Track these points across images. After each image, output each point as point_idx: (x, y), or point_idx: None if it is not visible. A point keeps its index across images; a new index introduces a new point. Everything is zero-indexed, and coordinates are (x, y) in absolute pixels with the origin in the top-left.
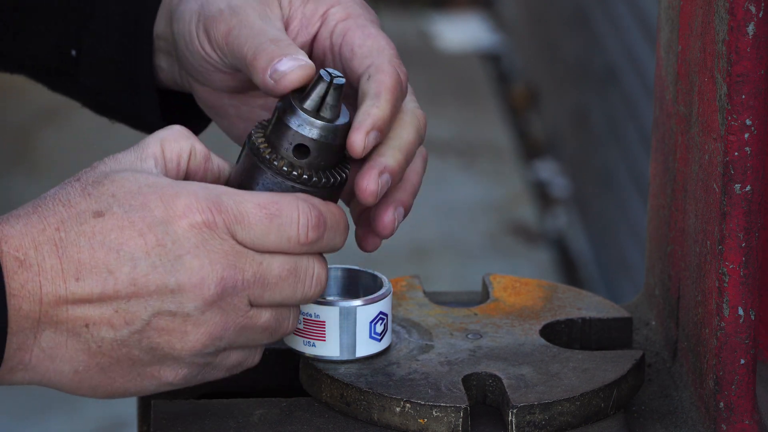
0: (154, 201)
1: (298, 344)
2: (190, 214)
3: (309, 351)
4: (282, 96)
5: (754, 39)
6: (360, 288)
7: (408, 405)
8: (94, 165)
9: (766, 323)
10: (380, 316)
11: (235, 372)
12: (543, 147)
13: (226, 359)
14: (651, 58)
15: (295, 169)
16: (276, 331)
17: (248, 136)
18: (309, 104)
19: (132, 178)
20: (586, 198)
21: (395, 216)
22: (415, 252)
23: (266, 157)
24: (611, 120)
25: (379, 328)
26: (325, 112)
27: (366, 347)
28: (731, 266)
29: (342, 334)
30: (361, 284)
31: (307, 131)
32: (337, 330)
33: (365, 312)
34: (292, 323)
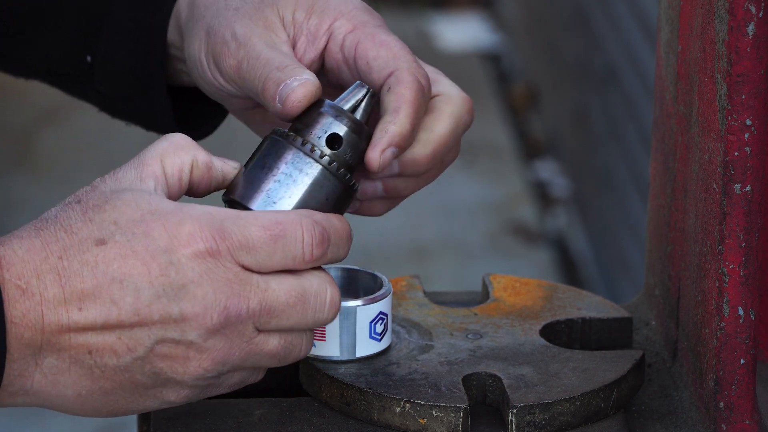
0: (157, 229)
1: None
2: (194, 242)
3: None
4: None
5: (754, 39)
6: (360, 288)
7: (408, 405)
8: (94, 184)
9: (766, 323)
10: (380, 316)
11: (237, 388)
12: (543, 147)
13: (229, 379)
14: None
15: (324, 155)
16: (286, 357)
17: (272, 131)
18: (345, 105)
19: (134, 204)
20: (586, 198)
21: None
22: (415, 252)
23: (297, 139)
24: (611, 120)
25: (379, 328)
26: (358, 115)
27: (366, 347)
28: (731, 266)
29: (342, 334)
30: (360, 284)
31: (345, 122)
32: (337, 330)
33: (365, 312)
34: (305, 348)
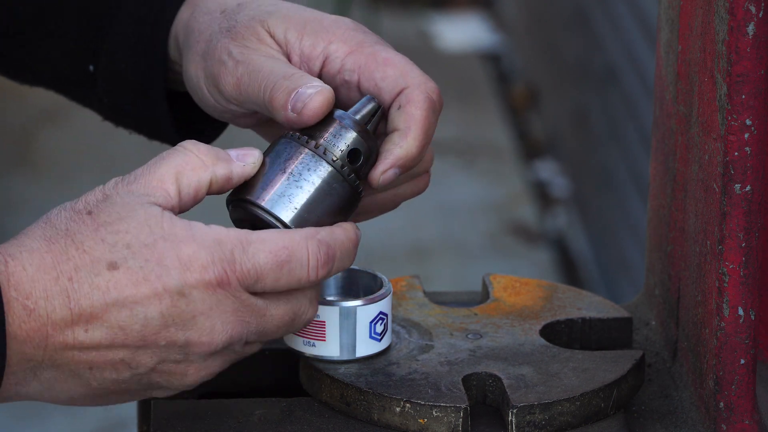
0: (170, 258)
1: (298, 344)
2: (205, 273)
3: (309, 351)
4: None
5: (754, 39)
6: (360, 288)
7: (408, 405)
8: (105, 193)
9: (766, 323)
10: (380, 316)
11: None
12: (543, 147)
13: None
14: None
15: (337, 158)
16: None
17: (283, 135)
18: (360, 119)
19: (147, 228)
20: (586, 198)
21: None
22: (415, 252)
23: (311, 142)
24: (611, 120)
25: (379, 328)
26: (369, 127)
27: (366, 347)
28: (731, 266)
29: (342, 334)
30: (361, 284)
31: (358, 131)
32: (337, 330)
33: (365, 312)
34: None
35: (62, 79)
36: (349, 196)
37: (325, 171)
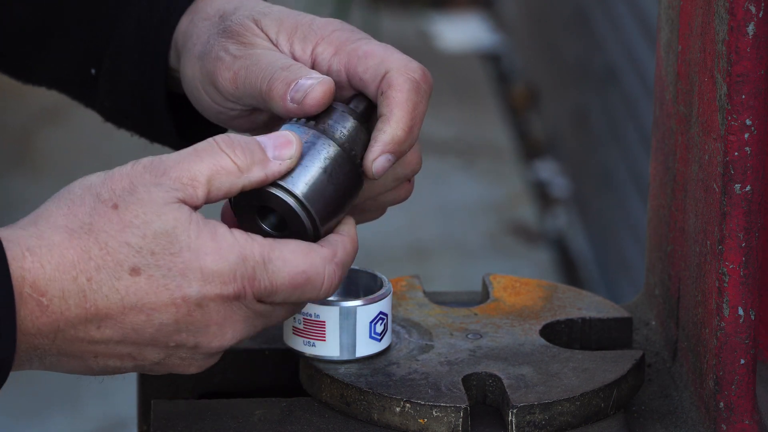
0: (193, 270)
1: (298, 344)
2: (225, 288)
3: (309, 351)
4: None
5: (754, 39)
6: (360, 288)
7: (408, 405)
8: (132, 183)
9: (766, 323)
10: (380, 316)
11: None
12: (543, 147)
13: None
14: (651, 58)
15: (344, 139)
16: None
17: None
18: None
19: (173, 235)
20: (586, 198)
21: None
22: (415, 252)
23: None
24: (611, 120)
25: (379, 328)
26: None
27: (366, 347)
28: (731, 266)
29: (342, 334)
30: (361, 284)
31: (357, 117)
32: (337, 330)
33: (365, 312)
34: None
35: (64, 81)
36: (355, 180)
37: (332, 150)
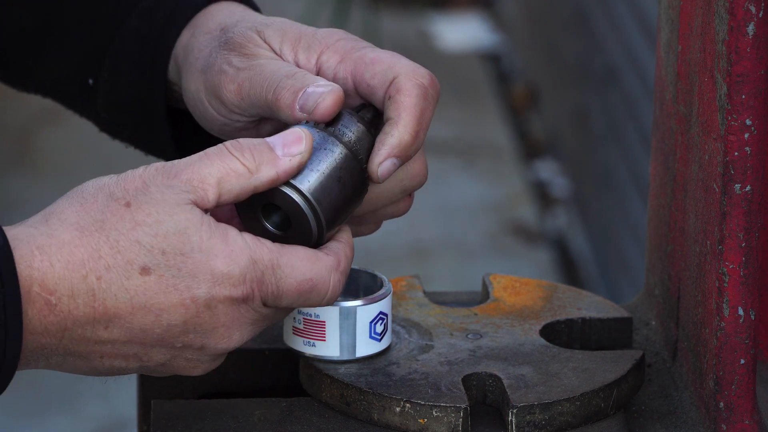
0: (203, 272)
1: (298, 344)
2: (234, 291)
3: (309, 351)
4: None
5: (754, 39)
6: (360, 288)
7: (408, 405)
8: (145, 181)
9: (766, 323)
10: (380, 316)
11: None
12: (543, 147)
13: None
14: (651, 58)
15: (351, 141)
16: None
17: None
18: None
19: (185, 235)
20: (586, 198)
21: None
22: (415, 252)
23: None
24: (611, 120)
25: (379, 328)
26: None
27: (366, 347)
28: (731, 266)
29: (342, 334)
30: (361, 284)
31: (364, 123)
32: (337, 330)
33: (365, 312)
34: None
35: (61, 89)
36: (360, 184)
37: (341, 153)
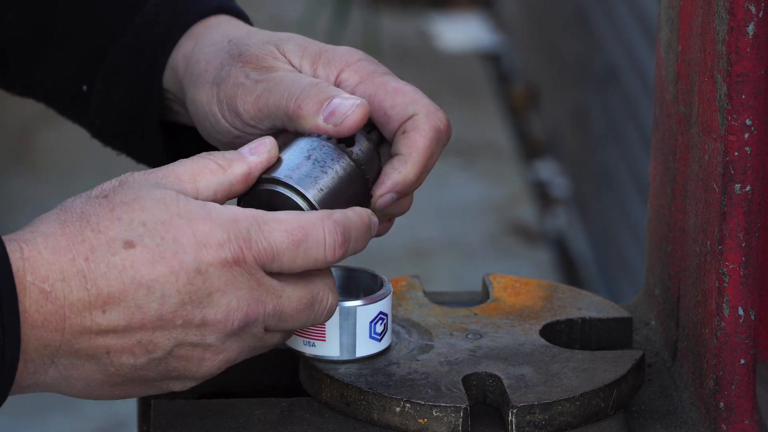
0: (186, 236)
1: (298, 344)
2: (221, 251)
3: (309, 351)
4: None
5: (754, 39)
6: (360, 288)
7: (408, 405)
8: (122, 180)
9: (766, 323)
10: (380, 316)
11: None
12: (543, 147)
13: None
14: (651, 58)
15: (358, 156)
16: (280, 344)
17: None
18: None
19: (162, 205)
20: (586, 198)
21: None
22: (415, 252)
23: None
24: (611, 120)
25: (379, 328)
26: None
27: (366, 347)
28: (731, 266)
29: (342, 334)
30: (361, 284)
31: (371, 142)
32: (337, 330)
33: (365, 312)
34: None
35: (55, 95)
36: (364, 197)
37: (347, 164)
